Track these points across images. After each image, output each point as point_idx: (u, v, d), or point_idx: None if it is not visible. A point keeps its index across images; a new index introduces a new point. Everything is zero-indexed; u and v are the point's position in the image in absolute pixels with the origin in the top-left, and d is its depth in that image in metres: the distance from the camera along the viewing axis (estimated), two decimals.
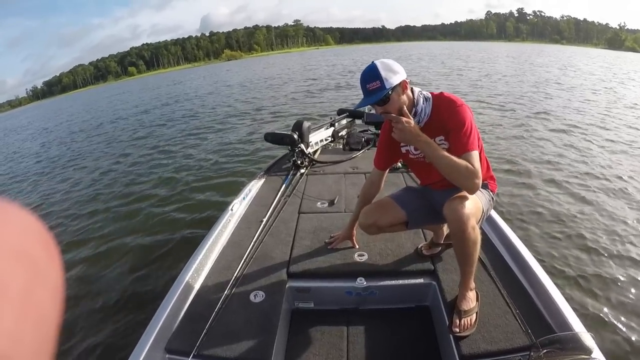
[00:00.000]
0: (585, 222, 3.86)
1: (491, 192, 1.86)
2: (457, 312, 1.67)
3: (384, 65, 1.59)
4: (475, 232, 1.61)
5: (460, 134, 1.59)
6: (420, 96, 1.69)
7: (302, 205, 2.82)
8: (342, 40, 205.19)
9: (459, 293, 1.75)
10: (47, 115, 30.87)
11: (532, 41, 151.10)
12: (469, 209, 1.59)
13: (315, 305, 2.11)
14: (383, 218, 1.94)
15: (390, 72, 1.57)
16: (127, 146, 9.48)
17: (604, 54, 47.54)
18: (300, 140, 3.48)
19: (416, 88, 1.71)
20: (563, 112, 9.19)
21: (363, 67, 1.61)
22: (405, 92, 1.63)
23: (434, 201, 1.92)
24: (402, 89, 1.61)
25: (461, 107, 1.61)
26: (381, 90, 1.55)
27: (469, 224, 1.57)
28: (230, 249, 2.31)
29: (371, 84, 1.57)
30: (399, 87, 1.59)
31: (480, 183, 1.55)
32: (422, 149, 1.61)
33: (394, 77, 1.57)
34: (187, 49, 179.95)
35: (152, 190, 5.78)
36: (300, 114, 10.69)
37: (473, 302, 1.73)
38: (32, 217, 0.23)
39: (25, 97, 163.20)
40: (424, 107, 1.68)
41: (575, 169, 5.39)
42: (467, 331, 1.61)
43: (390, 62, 1.62)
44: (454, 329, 1.62)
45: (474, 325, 1.64)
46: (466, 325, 1.63)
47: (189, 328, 1.73)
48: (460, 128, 1.59)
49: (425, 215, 1.96)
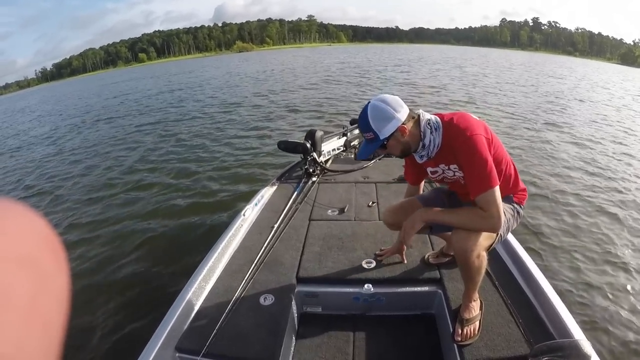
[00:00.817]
0: (589, 233, 4.00)
1: (517, 205, 1.76)
2: (459, 321, 1.71)
3: (377, 114, 1.54)
4: (479, 259, 1.61)
5: (473, 173, 1.51)
6: (427, 128, 1.58)
7: (312, 212, 2.88)
8: (354, 38, 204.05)
9: (462, 303, 1.79)
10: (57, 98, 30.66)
11: (545, 51, 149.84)
12: (475, 240, 1.57)
13: (323, 310, 2.16)
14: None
15: (383, 121, 1.53)
16: (136, 145, 9.38)
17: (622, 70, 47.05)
18: (312, 148, 3.52)
19: (424, 116, 1.61)
20: (581, 124, 9.34)
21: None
22: (405, 135, 1.57)
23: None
24: (400, 134, 1.56)
25: (471, 138, 1.49)
26: (376, 141, 1.56)
27: (473, 254, 1.57)
28: (242, 253, 2.37)
29: (366, 134, 1.58)
30: (397, 132, 1.55)
31: (500, 222, 1.49)
32: (435, 220, 1.67)
33: (388, 126, 1.53)
34: (199, 38, 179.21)
35: (165, 191, 5.81)
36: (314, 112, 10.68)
37: (476, 311, 1.75)
38: (40, 220, 0.23)
39: (34, 78, 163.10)
40: (432, 138, 1.58)
41: (580, 180, 5.52)
42: (470, 340, 1.64)
43: (383, 107, 1.55)
44: (456, 337, 1.66)
45: (477, 333, 1.67)
46: (469, 334, 1.66)
47: (199, 328, 1.78)
48: (472, 164, 1.50)
49: None
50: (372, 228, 2.61)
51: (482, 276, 1.73)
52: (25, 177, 7.81)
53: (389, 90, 15.01)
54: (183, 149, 8.35)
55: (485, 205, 1.49)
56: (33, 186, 6.98)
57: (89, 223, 4.96)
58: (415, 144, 1.62)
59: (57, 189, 6.63)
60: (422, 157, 1.67)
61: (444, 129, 1.58)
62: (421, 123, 1.59)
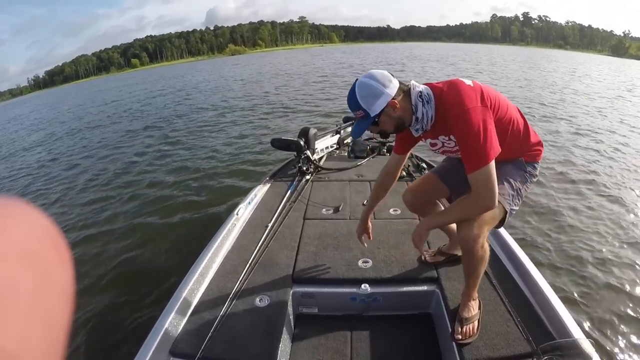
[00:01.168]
0: (586, 229, 3.97)
1: (528, 166, 1.71)
2: (459, 319, 1.70)
3: (364, 90, 1.49)
4: (483, 250, 1.60)
5: (465, 149, 1.46)
6: (419, 101, 1.52)
7: (307, 211, 2.85)
8: (346, 38, 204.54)
9: (462, 302, 1.78)
10: (52, 104, 30.58)
11: (536, 45, 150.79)
12: (480, 227, 1.55)
13: (320, 311, 2.13)
14: (429, 196, 1.99)
15: (373, 98, 1.48)
16: (130, 145, 9.42)
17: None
18: (306, 146, 3.50)
19: (415, 89, 1.55)
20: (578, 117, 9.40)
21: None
22: (397, 109, 1.52)
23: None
24: (392, 109, 1.51)
25: (464, 113, 1.42)
26: (367, 119, 1.52)
27: (477, 244, 1.55)
28: (236, 254, 2.33)
29: (356, 113, 1.54)
30: (387, 107, 1.50)
31: (493, 199, 1.44)
32: (436, 225, 1.68)
33: (378, 102, 1.48)
34: (191, 42, 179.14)
35: (156, 192, 5.77)
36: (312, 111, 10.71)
37: (475, 310, 1.74)
38: (43, 216, 0.23)
39: (26, 86, 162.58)
40: (425, 111, 1.52)
41: (579, 174, 5.51)
42: (470, 338, 1.63)
43: (371, 83, 1.49)
44: (456, 336, 1.64)
45: (476, 332, 1.66)
46: (468, 333, 1.65)
47: (194, 331, 1.75)
48: (465, 140, 1.45)
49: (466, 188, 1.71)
50: None
51: (483, 272, 1.72)
52: (18, 181, 7.85)
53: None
54: (174, 148, 8.37)
55: (476, 185, 1.45)
56: (26, 191, 6.93)
57: (79, 226, 4.93)
58: (409, 118, 1.57)
59: (43, 195, 6.61)
60: (417, 131, 1.63)
61: (436, 101, 1.53)
62: (412, 96, 1.54)
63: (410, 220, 2.65)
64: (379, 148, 4.24)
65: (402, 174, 3.32)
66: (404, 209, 2.78)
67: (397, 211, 2.78)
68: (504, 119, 1.55)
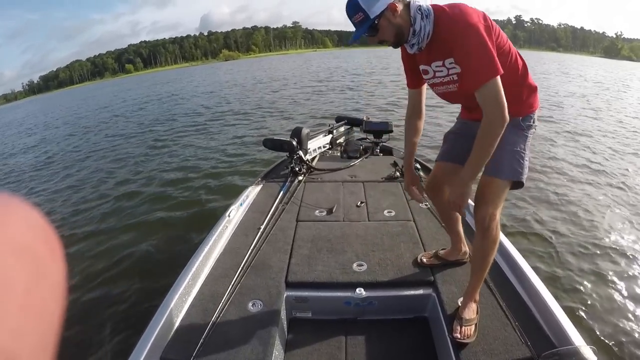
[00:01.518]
0: (585, 231, 3.93)
1: (526, 122, 1.64)
2: (458, 319, 1.69)
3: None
4: (497, 230, 1.66)
5: (470, 63, 1.43)
6: (418, 14, 1.48)
7: (300, 213, 2.80)
8: (340, 43, 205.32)
9: (463, 302, 1.77)
10: (45, 111, 30.49)
11: (529, 48, 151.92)
12: (494, 204, 1.62)
13: (313, 315, 2.09)
14: (446, 180, 1.93)
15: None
16: (119, 149, 9.34)
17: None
18: (298, 147, 3.46)
19: (414, 2, 1.50)
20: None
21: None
22: (396, 14, 1.46)
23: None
24: (391, 13, 1.45)
25: (468, 27, 1.39)
26: (366, 21, 1.45)
27: (493, 221, 1.62)
28: (228, 257, 2.29)
29: (355, 17, 1.47)
30: (387, 11, 1.44)
31: (505, 113, 1.40)
32: (472, 178, 1.58)
33: (378, 4, 1.42)
34: (185, 47, 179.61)
35: (145, 193, 5.72)
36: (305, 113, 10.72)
37: (474, 313, 1.73)
38: (35, 212, 0.23)
39: (21, 91, 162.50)
40: (423, 24, 1.48)
41: (579, 177, 5.49)
42: (467, 339, 1.62)
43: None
44: (455, 334, 1.63)
45: (473, 335, 1.65)
46: (467, 334, 1.64)
47: (185, 337, 1.71)
48: (469, 54, 1.41)
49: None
50: (361, 229, 2.54)
51: (491, 263, 1.74)
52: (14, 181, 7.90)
53: (380, 93, 15.05)
54: (165, 150, 8.39)
55: (485, 101, 1.42)
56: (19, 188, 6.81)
57: (68, 226, 4.90)
58: (407, 30, 1.52)
59: (34, 194, 6.59)
60: (412, 47, 1.58)
61: (436, 17, 1.49)
62: (411, 8, 1.49)
63: (405, 222, 2.62)
64: (372, 148, 4.21)
65: (396, 175, 3.30)
66: (398, 211, 2.75)
67: (392, 212, 2.75)
68: (503, 47, 1.51)
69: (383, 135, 4.35)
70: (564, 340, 1.55)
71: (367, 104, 12.27)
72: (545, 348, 1.52)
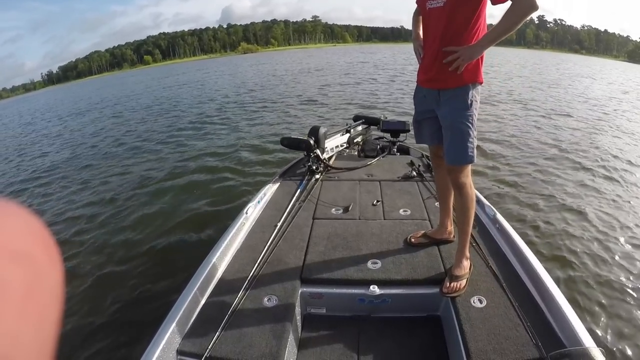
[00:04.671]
0: (601, 233, 3.90)
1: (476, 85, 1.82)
2: (449, 276, 1.94)
3: None
4: (471, 189, 1.95)
5: None
6: None
7: (316, 211, 2.83)
8: (359, 38, 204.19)
9: (455, 260, 2.01)
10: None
11: (551, 49, 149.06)
12: (465, 177, 1.90)
13: (327, 311, 2.12)
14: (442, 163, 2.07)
15: None
16: (138, 141, 9.49)
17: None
18: (316, 145, 3.46)
19: None
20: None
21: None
22: None
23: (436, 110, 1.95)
24: None
25: None
26: None
27: (466, 184, 1.91)
28: (244, 253, 2.33)
29: None
30: None
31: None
32: (490, 44, 1.68)
33: None
34: (204, 40, 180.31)
35: (165, 189, 5.78)
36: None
37: (466, 270, 1.97)
38: (32, 216, 0.23)
39: (40, 81, 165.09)
40: None
41: (594, 176, 5.41)
42: (456, 293, 1.87)
43: None
44: (443, 289, 1.89)
45: (463, 289, 1.89)
46: (456, 288, 1.88)
47: (201, 330, 1.75)
48: None
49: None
50: (377, 227, 2.56)
51: (473, 218, 2.02)
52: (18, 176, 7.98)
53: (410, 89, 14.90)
54: (183, 146, 8.40)
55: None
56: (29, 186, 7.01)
57: (86, 218, 4.99)
58: None
59: (65, 188, 6.64)
60: None
61: None
62: None
63: (420, 221, 2.63)
64: (389, 147, 4.21)
65: (412, 174, 3.32)
66: (414, 210, 2.77)
67: (407, 212, 2.76)
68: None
69: (400, 135, 4.35)
70: (574, 341, 1.55)
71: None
72: (555, 348, 1.53)
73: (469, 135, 1.80)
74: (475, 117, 1.82)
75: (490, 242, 2.34)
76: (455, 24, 1.69)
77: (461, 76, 1.74)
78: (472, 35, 1.70)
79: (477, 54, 1.69)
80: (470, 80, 1.77)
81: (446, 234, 2.32)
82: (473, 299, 1.86)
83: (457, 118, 1.80)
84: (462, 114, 1.79)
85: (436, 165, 2.23)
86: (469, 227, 2.00)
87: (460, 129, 1.80)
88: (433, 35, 1.79)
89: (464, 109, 1.79)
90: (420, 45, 1.99)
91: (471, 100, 1.79)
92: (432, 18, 1.79)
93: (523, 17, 1.57)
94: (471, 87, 1.78)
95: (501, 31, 1.62)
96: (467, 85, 1.77)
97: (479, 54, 1.69)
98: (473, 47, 1.68)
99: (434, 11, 1.74)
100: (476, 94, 1.81)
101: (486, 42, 1.67)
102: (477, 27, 1.70)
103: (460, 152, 1.83)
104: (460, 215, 2.01)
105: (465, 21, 1.68)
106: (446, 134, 1.88)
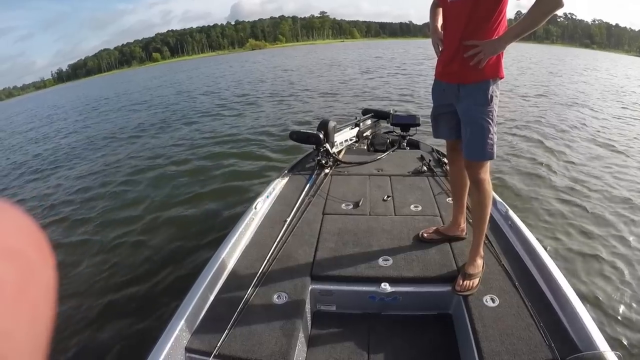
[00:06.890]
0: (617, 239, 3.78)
1: (496, 81, 1.80)
2: (462, 274, 1.91)
3: None
4: (489, 185, 1.93)
5: None
6: None
7: (326, 206, 2.79)
8: (368, 34, 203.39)
9: (469, 257, 1.98)
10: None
11: (561, 44, 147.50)
12: (484, 173, 1.89)
13: (338, 309, 2.09)
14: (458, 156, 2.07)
15: None
16: (148, 136, 9.57)
17: None
18: (325, 139, 3.43)
19: None
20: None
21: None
22: None
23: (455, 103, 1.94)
24: None
25: None
26: None
27: (485, 179, 1.89)
28: (254, 249, 2.30)
29: None
30: None
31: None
32: (514, 39, 1.67)
33: None
34: (212, 37, 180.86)
35: (174, 184, 5.77)
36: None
37: (479, 268, 1.94)
38: (25, 215, 0.23)
39: (50, 79, 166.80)
40: None
41: (609, 173, 5.26)
42: (468, 292, 1.84)
43: None
44: (456, 287, 1.86)
45: (476, 287, 1.87)
46: (468, 286, 1.86)
47: (210, 327, 1.73)
48: None
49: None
50: (388, 223, 2.52)
51: (489, 215, 2.01)
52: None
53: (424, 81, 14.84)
54: (193, 140, 8.43)
55: None
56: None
57: (96, 217, 4.97)
58: None
59: (78, 180, 6.71)
60: None
61: None
62: None
63: (432, 217, 2.59)
64: (399, 141, 4.17)
65: (423, 169, 3.27)
66: (425, 206, 2.72)
67: (419, 207, 2.72)
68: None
69: (410, 129, 4.30)
70: (589, 345, 1.51)
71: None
72: (569, 351, 1.50)
73: (488, 131, 1.80)
74: (495, 113, 1.81)
75: (502, 240, 2.29)
76: (478, 17, 1.67)
77: (482, 71, 1.73)
78: (494, 29, 1.69)
79: (500, 49, 1.68)
80: (491, 74, 1.76)
81: (458, 230, 2.29)
82: (485, 297, 1.83)
83: (477, 113, 1.80)
84: (482, 109, 1.79)
85: (452, 160, 2.20)
86: (485, 224, 1.98)
87: (481, 125, 1.79)
88: (455, 29, 1.77)
89: (484, 104, 1.78)
90: (439, 38, 1.96)
91: (491, 95, 1.77)
92: (453, 11, 1.77)
93: (548, 14, 1.57)
94: (492, 82, 1.77)
95: (525, 26, 1.62)
96: (487, 80, 1.76)
97: (502, 48, 1.68)
98: (496, 42, 1.67)
99: (456, 4, 1.73)
100: (496, 89, 1.79)
101: (510, 37, 1.66)
102: (499, 21, 1.69)
103: (480, 147, 1.82)
104: (476, 212, 2.00)
105: (487, 15, 1.66)
106: (465, 129, 1.86)
